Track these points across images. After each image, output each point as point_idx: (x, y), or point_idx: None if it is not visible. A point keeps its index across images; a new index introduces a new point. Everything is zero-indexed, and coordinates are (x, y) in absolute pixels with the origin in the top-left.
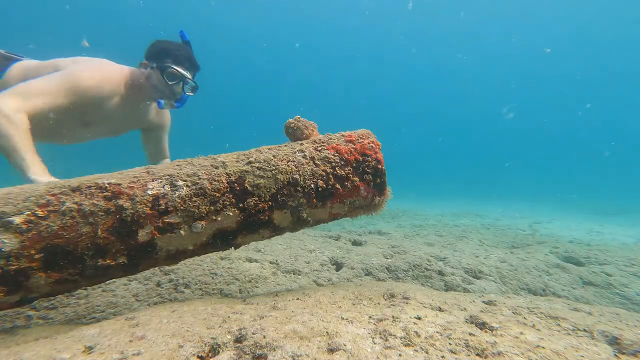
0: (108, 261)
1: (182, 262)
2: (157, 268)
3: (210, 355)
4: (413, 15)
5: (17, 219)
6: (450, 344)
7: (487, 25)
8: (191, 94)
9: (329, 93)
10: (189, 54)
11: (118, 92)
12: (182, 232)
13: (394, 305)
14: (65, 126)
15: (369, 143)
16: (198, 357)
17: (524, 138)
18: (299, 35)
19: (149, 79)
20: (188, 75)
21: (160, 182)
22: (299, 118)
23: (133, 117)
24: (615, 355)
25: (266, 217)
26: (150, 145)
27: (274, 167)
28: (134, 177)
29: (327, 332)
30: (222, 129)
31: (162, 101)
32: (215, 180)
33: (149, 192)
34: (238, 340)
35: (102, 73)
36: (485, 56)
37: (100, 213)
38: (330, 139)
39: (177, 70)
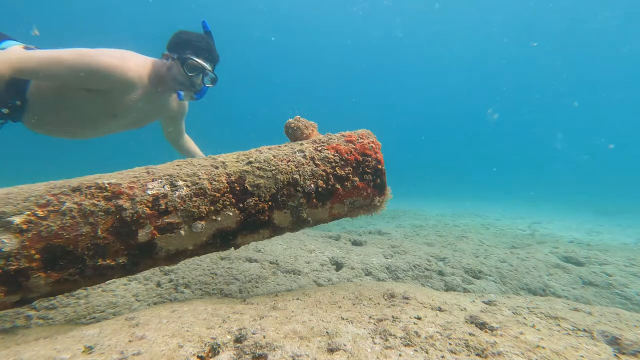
0: (108, 261)
1: (182, 262)
2: (157, 268)
3: (210, 355)
4: (411, 13)
5: (17, 219)
6: (450, 344)
7: (480, 19)
8: (210, 85)
9: (327, 93)
10: (210, 45)
11: (142, 83)
12: (182, 232)
13: (394, 305)
14: (95, 118)
15: (369, 143)
16: (198, 357)
17: (519, 137)
18: (292, 33)
19: (170, 70)
20: (208, 67)
21: (160, 182)
22: (299, 118)
23: (156, 108)
24: (615, 355)
25: (266, 217)
26: (170, 130)
27: (274, 167)
28: (134, 177)
29: (327, 332)
30: (221, 128)
31: (182, 93)
32: (215, 180)
33: (149, 192)
34: (238, 340)
35: (125, 62)
36: (482, 53)
37: (100, 213)
38: (330, 139)
39: (197, 61)
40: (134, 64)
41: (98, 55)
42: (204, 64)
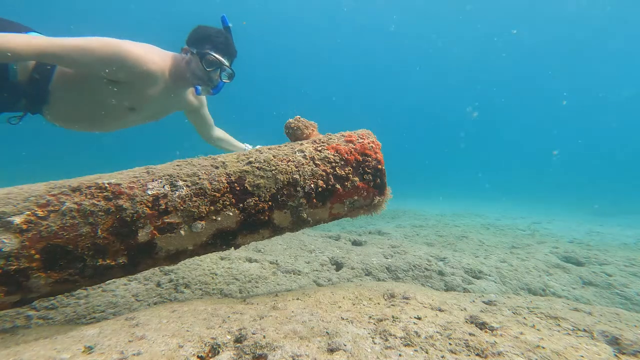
0: (108, 261)
1: (182, 262)
2: (157, 268)
3: (210, 355)
4: (405, 10)
5: (17, 219)
6: (450, 344)
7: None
8: (227, 81)
9: (324, 94)
10: (228, 41)
11: (163, 77)
12: (182, 232)
13: (394, 305)
14: (114, 111)
15: (369, 143)
16: (198, 357)
17: (516, 136)
18: (284, 32)
19: (189, 64)
20: (226, 62)
21: (160, 182)
22: (299, 118)
23: (173, 101)
24: (615, 355)
25: (266, 217)
26: (196, 121)
27: (274, 167)
28: (134, 177)
29: (327, 332)
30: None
31: (200, 87)
32: (215, 180)
33: (149, 192)
34: (238, 340)
35: (149, 55)
36: (480, 51)
37: (100, 213)
38: (330, 139)
39: (215, 57)
40: (158, 57)
41: (125, 45)
42: (222, 59)
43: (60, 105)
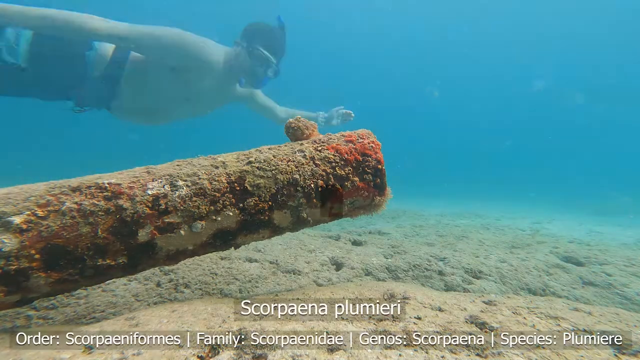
0: (108, 261)
1: (182, 262)
2: (157, 268)
3: (210, 355)
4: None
5: (17, 219)
6: (450, 344)
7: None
8: (272, 77)
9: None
10: (279, 39)
11: (217, 67)
12: (182, 232)
13: (394, 305)
14: (173, 101)
15: (369, 143)
16: (198, 357)
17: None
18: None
19: (237, 57)
20: (273, 59)
21: (160, 182)
22: (299, 118)
23: (223, 94)
24: (615, 355)
25: (266, 217)
26: (256, 108)
27: (274, 167)
28: (134, 177)
29: (327, 332)
30: (221, 127)
31: (243, 80)
32: (215, 180)
33: (149, 192)
34: (238, 340)
35: (207, 45)
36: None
37: (100, 213)
38: (330, 139)
39: (263, 52)
40: (214, 49)
41: (188, 34)
42: (269, 55)
43: (127, 99)
